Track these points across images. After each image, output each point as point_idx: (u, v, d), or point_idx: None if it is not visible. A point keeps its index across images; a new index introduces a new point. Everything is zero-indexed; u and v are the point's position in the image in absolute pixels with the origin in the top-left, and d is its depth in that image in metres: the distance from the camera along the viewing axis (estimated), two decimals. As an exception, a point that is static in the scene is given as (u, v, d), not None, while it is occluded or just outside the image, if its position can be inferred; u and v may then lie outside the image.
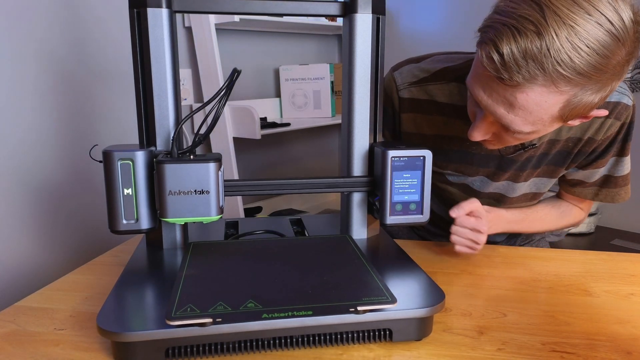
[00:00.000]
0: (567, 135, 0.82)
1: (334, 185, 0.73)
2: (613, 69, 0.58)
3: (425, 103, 0.86)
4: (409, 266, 0.69)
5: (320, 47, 2.34)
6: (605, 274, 0.78)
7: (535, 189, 0.90)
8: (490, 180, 0.89)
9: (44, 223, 1.25)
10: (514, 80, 0.58)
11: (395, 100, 0.88)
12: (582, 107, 0.62)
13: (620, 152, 0.85)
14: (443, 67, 0.85)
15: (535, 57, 0.56)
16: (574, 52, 0.55)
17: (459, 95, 0.83)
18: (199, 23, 1.68)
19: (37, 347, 0.57)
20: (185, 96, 1.77)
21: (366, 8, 0.71)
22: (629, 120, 0.82)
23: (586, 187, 0.90)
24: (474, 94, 0.66)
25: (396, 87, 0.87)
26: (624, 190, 0.89)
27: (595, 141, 0.82)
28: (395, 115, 0.89)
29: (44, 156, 1.24)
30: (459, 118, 0.83)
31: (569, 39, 0.55)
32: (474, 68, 0.66)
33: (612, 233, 1.97)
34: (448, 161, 0.88)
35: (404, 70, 0.88)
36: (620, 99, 0.80)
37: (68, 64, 1.29)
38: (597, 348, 0.57)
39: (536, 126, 0.64)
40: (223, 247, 0.71)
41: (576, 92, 0.59)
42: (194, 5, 0.69)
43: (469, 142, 0.84)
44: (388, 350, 0.56)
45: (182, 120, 0.65)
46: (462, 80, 0.82)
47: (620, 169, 0.87)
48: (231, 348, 0.54)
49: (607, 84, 0.60)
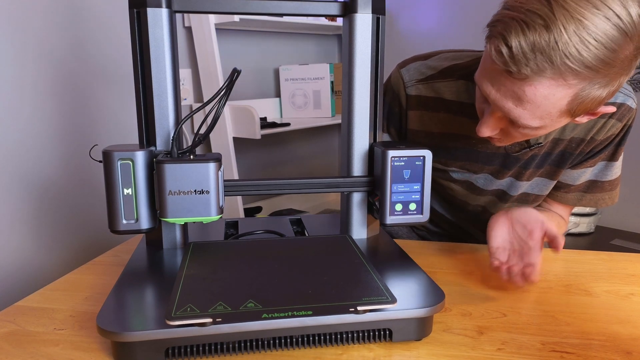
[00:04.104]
0: (570, 135, 0.82)
1: (334, 185, 0.73)
2: (621, 64, 0.58)
3: (432, 100, 0.86)
4: (409, 266, 0.69)
5: (320, 47, 2.34)
6: (605, 274, 0.78)
7: (537, 191, 0.90)
8: (494, 178, 0.89)
9: (44, 223, 1.25)
10: (522, 74, 0.59)
11: (403, 98, 0.88)
12: (590, 102, 0.62)
13: (612, 157, 0.85)
14: (451, 65, 0.85)
15: (543, 50, 0.56)
16: (582, 45, 0.56)
17: (467, 92, 0.83)
18: (199, 23, 1.68)
19: (37, 347, 0.57)
20: (185, 96, 1.77)
21: (366, 8, 0.71)
22: (629, 123, 0.82)
23: (570, 192, 0.89)
24: (483, 88, 0.66)
25: (404, 84, 0.87)
26: (608, 195, 0.88)
27: (595, 141, 0.82)
28: (401, 113, 0.89)
29: (44, 156, 1.24)
30: (465, 115, 0.83)
31: (577, 32, 0.55)
32: (482, 62, 0.67)
33: (612, 233, 1.97)
34: (453, 159, 0.88)
35: (411, 68, 0.88)
36: (625, 101, 0.80)
37: (68, 64, 1.29)
38: (597, 348, 0.57)
39: (544, 121, 0.64)
40: (223, 247, 0.71)
41: (584, 86, 0.60)
42: (194, 5, 0.69)
43: (475, 140, 0.84)
44: (388, 350, 0.56)
45: (182, 120, 0.65)
46: (469, 77, 0.82)
47: (609, 173, 0.87)
48: (231, 348, 0.54)
49: (614, 78, 0.60)
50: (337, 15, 0.73)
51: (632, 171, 1.98)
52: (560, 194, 0.90)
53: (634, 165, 1.97)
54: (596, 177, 0.87)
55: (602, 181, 0.87)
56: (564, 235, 0.80)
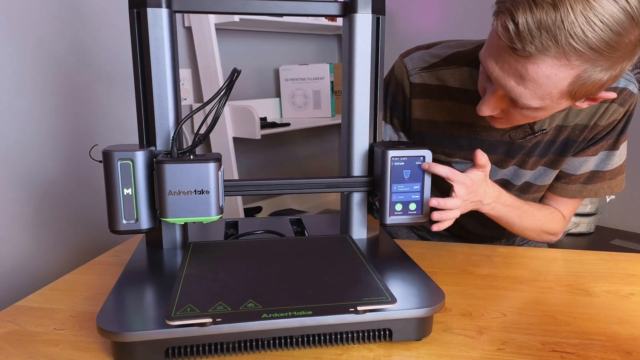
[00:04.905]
0: (574, 121, 0.82)
1: (334, 185, 0.73)
2: (625, 48, 0.59)
3: (436, 88, 0.86)
4: (409, 266, 0.69)
5: (320, 47, 2.34)
6: (605, 274, 0.78)
7: (540, 181, 0.90)
8: (498, 168, 0.89)
9: (44, 223, 1.25)
10: (526, 51, 0.59)
11: (406, 86, 0.88)
12: (591, 85, 0.62)
13: (613, 146, 0.85)
14: (454, 52, 0.85)
15: (549, 28, 0.57)
16: (588, 26, 0.56)
17: (471, 79, 0.83)
18: (199, 23, 1.68)
19: (37, 347, 0.57)
20: (185, 96, 1.77)
21: (366, 8, 0.71)
22: (631, 109, 0.82)
23: (571, 183, 0.89)
24: (486, 65, 0.66)
25: (407, 72, 0.87)
26: (607, 184, 0.88)
27: (598, 127, 0.82)
28: (405, 102, 0.89)
29: (44, 156, 1.24)
30: (470, 103, 0.82)
31: (584, 13, 0.55)
32: (488, 40, 0.67)
33: (612, 233, 1.97)
34: (457, 148, 0.88)
35: (414, 56, 0.88)
36: (627, 86, 0.80)
37: (68, 64, 1.29)
38: (597, 348, 0.57)
39: (544, 101, 0.65)
40: (223, 247, 0.71)
41: (586, 68, 0.60)
42: (194, 5, 0.69)
43: (479, 128, 0.84)
44: (388, 350, 0.56)
45: (182, 120, 0.65)
46: (473, 64, 0.82)
47: (610, 163, 0.86)
48: (231, 348, 0.54)
49: (617, 62, 0.60)
50: (337, 15, 0.73)
51: (632, 171, 1.98)
52: (561, 184, 0.90)
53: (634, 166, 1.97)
54: (597, 168, 0.87)
55: (603, 171, 0.87)
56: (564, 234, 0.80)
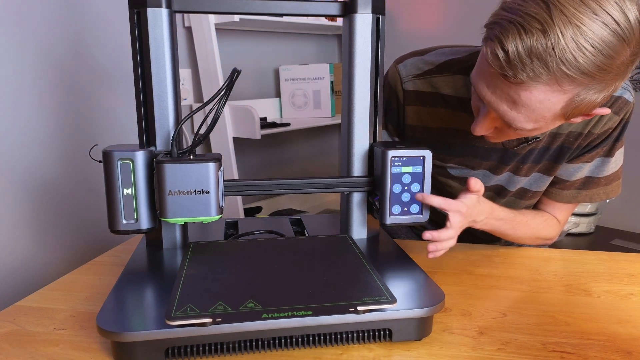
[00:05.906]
0: (568, 129, 0.82)
1: (334, 185, 0.73)
2: (617, 69, 0.58)
3: (429, 95, 0.86)
4: (409, 266, 0.69)
5: (320, 47, 2.34)
6: (605, 274, 0.78)
7: (535, 187, 0.90)
8: (492, 174, 0.89)
9: (44, 223, 1.25)
10: (518, 78, 0.59)
11: (400, 93, 0.88)
12: (584, 106, 0.62)
13: (608, 152, 0.85)
14: (448, 60, 0.85)
15: (540, 55, 0.56)
16: (579, 51, 0.55)
17: (464, 87, 0.83)
18: (199, 23, 1.68)
19: (37, 347, 0.57)
20: (185, 96, 1.77)
21: (366, 8, 0.71)
22: (627, 117, 0.82)
23: (565, 189, 0.89)
24: (478, 89, 0.66)
25: (400, 79, 0.87)
26: (603, 190, 0.88)
27: (592, 134, 0.82)
28: (399, 109, 0.89)
29: (44, 156, 1.24)
30: (464, 110, 0.83)
31: (575, 38, 0.55)
32: (478, 64, 0.67)
33: (612, 233, 1.97)
34: (451, 154, 0.88)
35: (408, 63, 0.88)
36: (622, 94, 0.80)
37: (68, 64, 1.29)
38: (597, 348, 0.57)
39: (538, 124, 0.65)
40: (223, 247, 0.71)
41: (579, 92, 0.60)
42: (194, 5, 0.69)
43: (473, 135, 0.84)
44: (388, 350, 0.56)
45: (182, 120, 0.65)
46: (467, 72, 0.81)
47: (605, 169, 0.86)
48: (231, 348, 0.54)
49: (610, 83, 0.60)
50: (337, 15, 0.73)
51: (632, 171, 1.98)
52: (556, 190, 0.90)
53: (634, 166, 1.97)
54: (592, 174, 0.87)
55: (598, 177, 0.87)
56: (564, 235, 0.80)
